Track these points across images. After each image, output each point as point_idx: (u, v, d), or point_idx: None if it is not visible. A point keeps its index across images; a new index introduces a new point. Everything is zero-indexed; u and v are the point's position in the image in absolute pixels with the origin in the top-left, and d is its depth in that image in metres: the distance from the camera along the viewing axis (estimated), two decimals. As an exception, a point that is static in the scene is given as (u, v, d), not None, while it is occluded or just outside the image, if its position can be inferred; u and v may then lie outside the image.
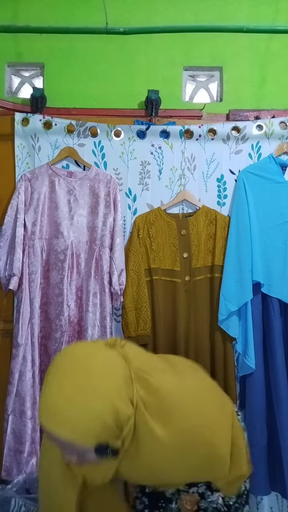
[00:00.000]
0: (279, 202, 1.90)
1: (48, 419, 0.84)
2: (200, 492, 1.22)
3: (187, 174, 1.97)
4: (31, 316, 1.83)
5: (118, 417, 0.85)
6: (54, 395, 0.84)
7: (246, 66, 2.12)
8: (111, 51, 2.12)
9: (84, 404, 0.82)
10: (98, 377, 0.85)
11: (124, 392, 0.86)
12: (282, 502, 1.90)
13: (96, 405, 0.82)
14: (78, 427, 0.82)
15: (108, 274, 1.85)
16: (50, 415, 0.83)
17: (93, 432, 0.83)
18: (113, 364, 0.88)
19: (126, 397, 0.86)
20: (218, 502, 1.21)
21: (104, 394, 0.83)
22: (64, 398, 0.82)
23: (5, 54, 2.15)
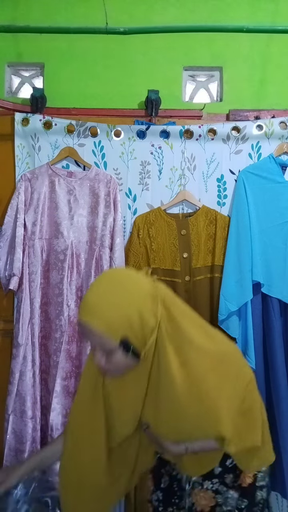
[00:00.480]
0: (279, 202, 1.90)
1: (84, 312, 1.00)
2: (214, 489, 1.22)
3: (187, 174, 1.97)
4: (31, 316, 1.83)
5: (142, 323, 1.00)
6: (91, 295, 1.02)
7: (246, 66, 2.13)
8: (111, 51, 2.12)
9: (114, 302, 0.99)
10: (130, 285, 1.03)
11: (150, 304, 1.02)
12: (282, 502, 1.90)
13: (124, 304, 0.99)
14: (107, 319, 0.98)
15: (108, 274, 1.85)
16: (86, 308, 1.00)
17: (119, 325, 0.98)
18: (144, 283, 1.05)
19: (151, 309, 1.01)
20: (235, 505, 1.20)
21: (132, 298, 1.00)
22: (99, 297, 1.01)
23: (5, 54, 2.15)
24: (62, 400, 1.81)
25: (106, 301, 1.00)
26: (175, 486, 1.29)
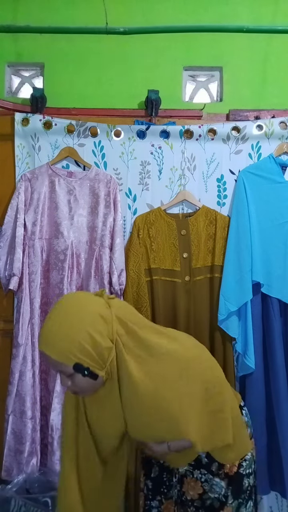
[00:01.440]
0: (279, 202, 1.90)
1: (40, 343, 1.10)
2: (204, 479, 1.26)
3: (187, 174, 1.97)
4: (31, 316, 1.83)
5: (95, 345, 1.06)
6: (46, 325, 1.10)
7: (246, 66, 2.12)
8: (111, 51, 2.12)
9: (64, 331, 1.07)
10: (80, 312, 1.09)
11: (102, 326, 1.07)
12: (281, 501, 1.90)
13: (74, 332, 1.06)
14: (58, 348, 1.06)
15: (108, 274, 1.85)
16: (41, 339, 1.10)
17: (69, 352, 1.05)
18: (95, 306, 1.11)
19: (103, 330, 1.07)
20: (221, 493, 1.24)
21: (81, 324, 1.06)
22: (52, 327, 1.09)
23: (5, 54, 2.15)
24: (62, 399, 1.81)
25: (57, 331, 1.07)
26: (165, 476, 1.32)
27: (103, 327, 1.08)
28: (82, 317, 1.08)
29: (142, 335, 1.13)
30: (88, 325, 1.07)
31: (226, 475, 1.25)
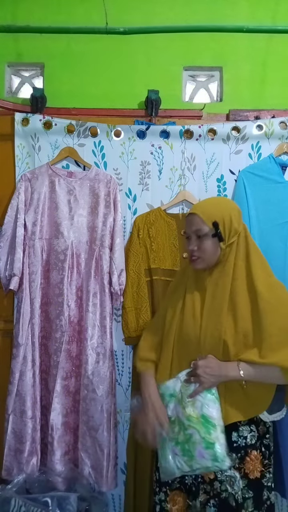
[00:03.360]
0: (279, 202, 1.90)
1: (191, 209, 1.40)
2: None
3: (187, 174, 1.97)
4: (31, 316, 1.83)
5: (231, 223, 1.35)
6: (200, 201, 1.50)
7: (246, 66, 2.13)
8: (111, 51, 2.12)
9: (214, 204, 1.44)
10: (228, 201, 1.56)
11: (238, 217, 1.39)
12: (281, 502, 1.90)
13: (220, 207, 1.39)
14: (206, 211, 1.37)
15: (108, 274, 1.86)
16: (194, 206, 1.42)
17: (213, 216, 1.35)
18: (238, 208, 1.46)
19: (238, 219, 1.38)
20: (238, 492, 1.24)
21: (227, 207, 1.40)
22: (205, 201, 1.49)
23: (5, 54, 2.15)
24: (62, 399, 1.81)
25: (208, 202, 1.46)
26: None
27: (238, 216, 1.39)
28: (228, 203, 1.46)
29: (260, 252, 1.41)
30: (231, 209, 1.39)
31: (246, 475, 1.25)
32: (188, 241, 1.39)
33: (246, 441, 1.28)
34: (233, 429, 1.27)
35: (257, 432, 1.30)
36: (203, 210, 1.37)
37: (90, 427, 1.78)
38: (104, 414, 1.78)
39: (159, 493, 1.34)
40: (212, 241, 1.34)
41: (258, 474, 1.27)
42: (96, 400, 1.77)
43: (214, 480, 1.26)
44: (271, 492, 1.30)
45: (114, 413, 1.85)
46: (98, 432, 1.77)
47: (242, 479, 1.25)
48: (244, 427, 1.29)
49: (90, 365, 1.80)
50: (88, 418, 1.77)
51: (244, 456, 1.27)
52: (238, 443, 1.27)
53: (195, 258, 1.36)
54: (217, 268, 1.36)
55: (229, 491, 1.24)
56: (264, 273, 1.34)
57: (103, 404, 1.78)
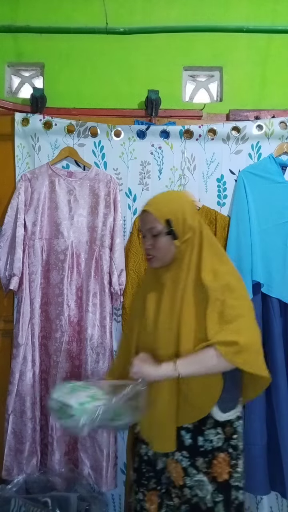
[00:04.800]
0: (279, 202, 1.90)
1: (145, 206, 1.35)
2: (184, 466, 1.25)
3: (187, 174, 1.97)
4: (31, 316, 1.83)
5: (184, 219, 1.30)
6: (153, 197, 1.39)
7: (246, 66, 2.12)
8: (111, 51, 2.11)
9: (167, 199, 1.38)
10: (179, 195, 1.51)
11: (192, 212, 1.36)
12: (281, 501, 1.90)
13: (173, 203, 1.35)
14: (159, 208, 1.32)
15: (108, 274, 1.86)
16: (147, 204, 1.35)
17: (166, 212, 1.30)
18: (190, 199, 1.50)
19: (193, 213, 1.36)
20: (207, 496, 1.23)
21: (180, 202, 1.36)
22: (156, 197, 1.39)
23: (5, 54, 2.15)
24: (62, 400, 1.81)
25: (162, 199, 1.39)
26: (143, 467, 1.32)
27: (192, 211, 1.36)
28: (182, 198, 1.41)
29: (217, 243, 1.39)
30: (184, 204, 1.36)
31: (214, 479, 1.24)
32: (143, 239, 1.36)
33: (212, 444, 1.25)
34: (198, 433, 1.26)
35: (223, 434, 1.27)
36: (156, 207, 1.32)
37: (90, 427, 1.78)
38: (104, 414, 1.78)
39: (137, 493, 1.33)
40: (166, 239, 1.30)
41: (226, 476, 1.25)
42: (96, 400, 1.77)
43: (184, 487, 1.25)
44: (239, 491, 1.28)
45: (114, 413, 1.85)
46: (97, 432, 1.77)
47: (211, 483, 1.24)
48: (209, 430, 1.26)
49: (90, 365, 1.80)
50: None
51: (211, 460, 1.25)
52: (204, 447, 1.25)
53: (150, 257, 1.34)
54: (174, 266, 1.33)
55: (200, 495, 1.24)
56: (212, 262, 1.31)
57: (103, 404, 1.78)
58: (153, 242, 1.31)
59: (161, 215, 1.30)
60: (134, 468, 1.36)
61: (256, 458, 1.80)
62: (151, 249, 1.33)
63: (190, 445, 1.25)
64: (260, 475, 1.80)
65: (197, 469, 1.25)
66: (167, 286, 1.33)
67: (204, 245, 1.32)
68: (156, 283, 1.37)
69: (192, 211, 1.36)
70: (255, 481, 1.79)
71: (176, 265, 1.32)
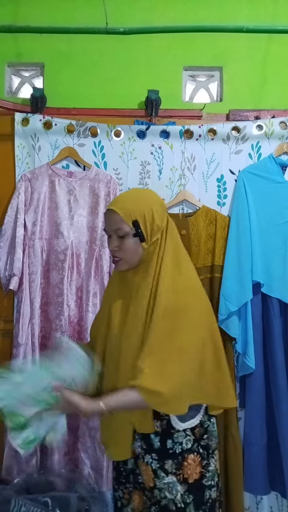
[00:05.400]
0: (279, 202, 1.90)
1: (110, 204, 1.28)
2: (154, 469, 1.23)
3: (187, 174, 1.97)
4: (31, 316, 1.83)
5: (152, 219, 1.23)
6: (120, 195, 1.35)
7: (246, 66, 2.12)
8: (111, 51, 2.11)
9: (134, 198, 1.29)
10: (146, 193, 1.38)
11: (161, 211, 1.27)
12: (282, 501, 1.90)
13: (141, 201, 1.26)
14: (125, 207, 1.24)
15: (108, 274, 1.86)
16: (113, 201, 1.30)
17: (133, 213, 1.22)
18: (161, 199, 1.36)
19: (161, 214, 1.27)
20: (177, 496, 1.21)
21: (148, 200, 1.27)
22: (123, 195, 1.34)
23: (5, 54, 2.15)
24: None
25: (128, 197, 1.31)
26: (121, 465, 1.32)
27: (161, 211, 1.27)
28: (150, 197, 1.30)
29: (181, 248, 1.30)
30: (152, 203, 1.27)
31: (185, 480, 1.22)
32: (108, 239, 1.28)
33: (182, 446, 1.23)
34: (167, 436, 1.22)
35: (193, 436, 1.24)
36: (122, 206, 1.23)
37: (90, 427, 1.78)
38: (104, 414, 1.78)
39: (117, 490, 1.33)
40: (133, 241, 1.22)
41: (197, 476, 1.23)
42: (96, 400, 1.77)
43: (154, 488, 1.23)
44: (212, 489, 1.26)
45: (114, 413, 1.85)
46: (98, 432, 1.77)
47: (181, 484, 1.22)
48: (178, 433, 1.23)
49: (90, 365, 1.80)
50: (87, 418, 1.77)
51: (181, 462, 1.22)
52: (173, 449, 1.22)
53: (117, 259, 1.26)
54: (141, 268, 1.26)
55: (168, 497, 1.22)
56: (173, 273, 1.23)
57: (103, 404, 1.78)
58: (119, 243, 1.24)
59: (128, 216, 1.22)
60: (113, 467, 1.36)
61: (256, 458, 1.80)
62: (117, 251, 1.25)
63: (159, 448, 1.23)
64: (260, 475, 1.80)
65: (166, 472, 1.22)
66: (134, 290, 1.26)
67: (167, 249, 1.25)
68: (123, 288, 1.30)
69: (161, 211, 1.27)
70: (255, 481, 1.80)
71: (143, 268, 1.25)
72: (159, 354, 1.16)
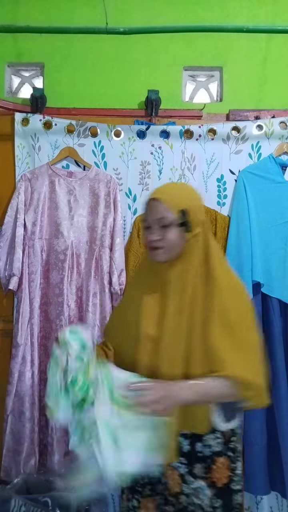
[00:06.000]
0: (279, 202, 1.90)
1: (156, 193, 1.24)
2: (181, 473, 1.20)
3: (187, 174, 1.97)
4: (30, 316, 1.83)
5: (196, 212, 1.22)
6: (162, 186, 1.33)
7: (246, 66, 2.12)
8: (111, 51, 2.11)
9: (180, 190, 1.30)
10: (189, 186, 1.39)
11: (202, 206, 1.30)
12: (282, 501, 1.90)
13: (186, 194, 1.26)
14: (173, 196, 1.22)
15: (108, 274, 1.86)
16: (158, 191, 1.26)
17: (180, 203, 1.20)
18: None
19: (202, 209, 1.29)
20: (205, 501, 1.18)
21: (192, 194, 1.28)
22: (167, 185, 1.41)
23: (5, 54, 2.15)
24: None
25: (171, 188, 1.32)
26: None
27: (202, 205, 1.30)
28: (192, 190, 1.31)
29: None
30: (195, 196, 1.28)
31: (213, 484, 1.20)
32: (147, 231, 1.23)
33: (211, 449, 1.20)
34: (197, 439, 1.19)
35: (223, 438, 1.21)
36: (168, 196, 1.22)
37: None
38: (104, 414, 1.78)
39: (131, 500, 1.27)
40: (177, 231, 1.19)
41: (226, 480, 1.20)
42: (96, 400, 1.77)
43: (180, 494, 1.20)
44: (238, 493, 1.23)
45: (114, 413, 1.85)
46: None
47: (210, 488, 1.19)
48: (208, 435, 1.20)
49: (90, 365, 1.79)
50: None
51: (210, 465, 1.19)
52: (203, 453, 1.20)
53: (158, 249, 1.21)
54: (179, 261, 1.22)
55: (196, 502, 1.18)
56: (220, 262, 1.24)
57: (103, 404, 1.78)
58: (162, 233, 1.20)
59: (174, 205, 1.19)
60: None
61: (256, 458, 1.79)
62: (159, 241, 1.20)
63: (188, 452, 1.20)
64: (260, 475, 1.80)
65: (194, 476, 1.19)
66: (173, 284, 1.21)
67: (211, 244, 1.24)
68: (156, 282, 1.24)
69: (202, 204, 1.29)
70: (255, 481, 1.79)
71: (184, 261, 1.22)
72: (243, 348, 1.15)
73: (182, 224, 1.20)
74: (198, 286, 1.20)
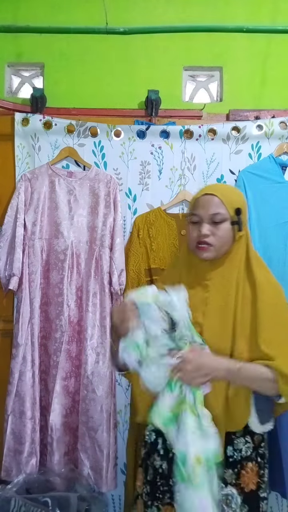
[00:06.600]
0: (279, 202, 1.90)
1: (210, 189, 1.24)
2: None
3: (187, 174, 1.97)
4: (31, 316, 1.83)
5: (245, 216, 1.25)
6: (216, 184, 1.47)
7: (246, 66, 2.12)
8: (111, 51, 2.11)
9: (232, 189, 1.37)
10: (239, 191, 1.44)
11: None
12: (281, 502, 1.90)
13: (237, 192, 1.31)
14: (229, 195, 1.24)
15: (108, 274, 1.86)
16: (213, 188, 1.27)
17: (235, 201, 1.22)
18: None
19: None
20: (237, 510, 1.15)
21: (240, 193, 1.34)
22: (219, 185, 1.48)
23: (5, 54, 2.15)
24: (62, 400, 1.81)
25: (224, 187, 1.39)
26: (158, 480, 1.24)
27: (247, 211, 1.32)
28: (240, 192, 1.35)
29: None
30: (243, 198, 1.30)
31: (242, 490, 1.17)
32: (195, 225, 1.21)
33: (241, 454, 1.19)
34: (228, 443, 1.18)
35: (252, 443, 1.21)
36: (224, 193, 1.22)
37: (90, 427, 1.77)
38: (103, 415, 1.78)
39: (150, 506, 1.24)
40: (229, 228, 1.19)
41: (254, 486, 1.19)
42: (96, 401, 1.77)
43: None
44: (265, 502, 1.22)
45: (114, 413, 1.85)
46: (97, 432, 1.77)
47: (240, 495, 1.17)
48: (239, 439, 1.20)
49: (90, 365, 1.79)
50: (87, 419, 1.77)
51: (240, 470, 1.18)
52: (234, 457, 1.18)
53: (206, 246, 1.19)
54: (222, 261, 1.21)
55: (226, 510, 1.15)
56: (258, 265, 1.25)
57: (102, 405, 1.78)
58: (214, 229, 1.18)
59: (230, 202, 1.19)
60: (147, 481, 1.27)
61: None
62: (209, 237, 1.18)
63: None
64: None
65: (225, 482, 1.16)
66: (216, 283, 1.20)
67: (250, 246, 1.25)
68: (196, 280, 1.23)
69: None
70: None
71: (228, 261, 1.21)
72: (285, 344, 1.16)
73: (236, 222, 1.19)
74: (240, 287, 1.19)
